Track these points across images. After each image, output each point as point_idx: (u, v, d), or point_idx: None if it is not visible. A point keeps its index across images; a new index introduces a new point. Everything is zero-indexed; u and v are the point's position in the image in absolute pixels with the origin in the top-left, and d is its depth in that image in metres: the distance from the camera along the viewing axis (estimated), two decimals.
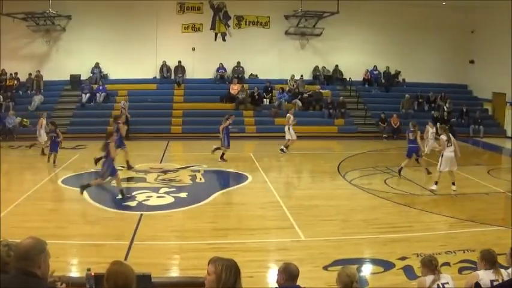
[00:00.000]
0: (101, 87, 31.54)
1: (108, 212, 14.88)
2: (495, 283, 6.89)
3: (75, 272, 10.11)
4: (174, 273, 10.68)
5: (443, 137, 17.77)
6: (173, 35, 33.39)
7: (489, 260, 7.13)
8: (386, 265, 10.91)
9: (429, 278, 7.11)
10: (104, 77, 32.80)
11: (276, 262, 10.53)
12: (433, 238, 12.84)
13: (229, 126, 22.82)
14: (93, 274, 5.58)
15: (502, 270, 7.13)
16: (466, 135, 30.94)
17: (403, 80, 36.07)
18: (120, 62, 32.42)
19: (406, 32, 34.73)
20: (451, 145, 17.68)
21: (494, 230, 13.73)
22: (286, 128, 25.05)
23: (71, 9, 31.66)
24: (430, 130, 23.67)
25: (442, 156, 17.66)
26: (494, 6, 30.91)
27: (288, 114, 25.40)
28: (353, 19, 33.84)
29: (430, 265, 7.19)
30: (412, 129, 20.13)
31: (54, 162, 21.03)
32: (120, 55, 32.36)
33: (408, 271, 10.53)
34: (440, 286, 7.03)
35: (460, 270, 10.42)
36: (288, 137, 24.96)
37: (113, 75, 33.08)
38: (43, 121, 23.80)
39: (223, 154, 22.52)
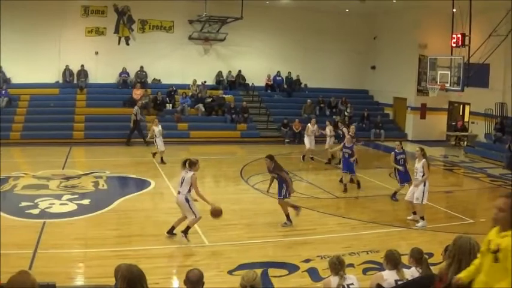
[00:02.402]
0: (3, 92, 30.36)
1: (11, 220, 14.35)
2: (400, 283, 7.10)
3: None
4: (79, 281, 10.50)
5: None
6: (77, 39, 32.52)
7: (392, 260, 7.32)
8: (291, 268, 11.12)
9: (334, 279, 7.28)
10: (7, 81, 31.70)
11: (181, 268, 10.54)
12: (336, 240, 13.17)
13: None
14: None
15: (406, 270, 7.35)
16: (367, 139, 31.59)
17: (305, 85, 36.64)
18: (23, 65, 31.13)
19: (310, 38, 35.48)
20: None
21: (396, 231, 14.24)
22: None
23: None
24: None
25: None
26: (395, 13, 31.87)
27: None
28: (257, 25, 34.24)
29: (335, 267, 7.36)
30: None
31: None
32: (23, 58, 31.11)
33: (313, 273, 10.76)
34: (345, 287, 7.21)
35: (365, 271, 10.75)
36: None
37: (16, 79, 31.79)
38: (155, 128, 23.75)
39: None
